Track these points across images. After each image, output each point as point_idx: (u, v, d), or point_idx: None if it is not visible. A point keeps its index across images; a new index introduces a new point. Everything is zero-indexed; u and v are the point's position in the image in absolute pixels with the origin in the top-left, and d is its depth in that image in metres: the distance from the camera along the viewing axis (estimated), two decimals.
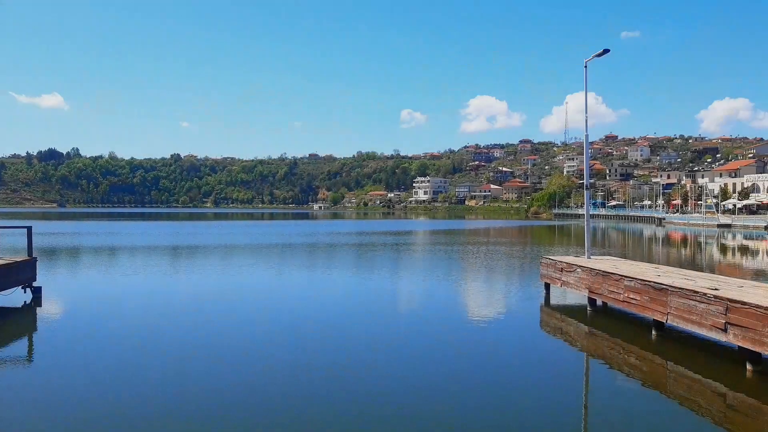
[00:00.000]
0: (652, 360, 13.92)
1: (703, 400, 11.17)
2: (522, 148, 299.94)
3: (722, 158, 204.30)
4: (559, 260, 20.69)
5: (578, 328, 17.41)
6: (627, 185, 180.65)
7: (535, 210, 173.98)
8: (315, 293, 24.55)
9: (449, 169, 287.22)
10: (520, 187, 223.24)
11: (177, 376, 12.21)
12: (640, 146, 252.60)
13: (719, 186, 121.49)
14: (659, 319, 14.67)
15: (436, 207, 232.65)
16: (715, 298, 12.53)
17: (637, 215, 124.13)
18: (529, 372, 12.91)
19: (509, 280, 29.26)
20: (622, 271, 16.68)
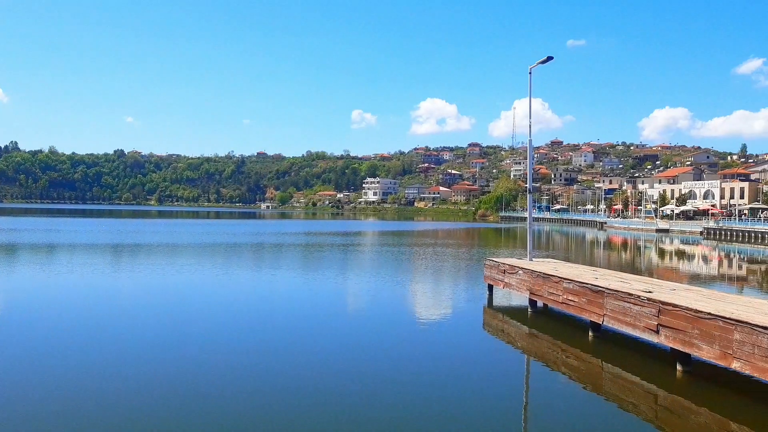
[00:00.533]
0: (589, 360, 14.25)
1: (636, 399, 11.49)
2: (471, 152, 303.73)
3: (662, 165, 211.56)
4: (501, 262, 21.02)
5: (519, 329, 17.71)
6: (571, 190, 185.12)
7: (482, 212, 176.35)
8: (260, 294, 24.25)
9: (399, 170, 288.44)
10: (469, 189, 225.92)
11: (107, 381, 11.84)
12: (584, 152, 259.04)
13: (658, 192, 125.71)
14: (596, 321, 15.05)
15: (386, 208, 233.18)
16: (648, 301, 12.93)
17: (580, 219, 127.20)
18: (471, 373, 13.03)
19: (454, 281, 29.58)
20: (562, 274, 17.04)
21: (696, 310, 11.53)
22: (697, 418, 10.45)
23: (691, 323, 11.61)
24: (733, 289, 28.59)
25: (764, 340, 9.94)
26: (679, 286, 15.82)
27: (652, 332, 12.81)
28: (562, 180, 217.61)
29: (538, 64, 20.56)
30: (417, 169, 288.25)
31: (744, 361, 10.40)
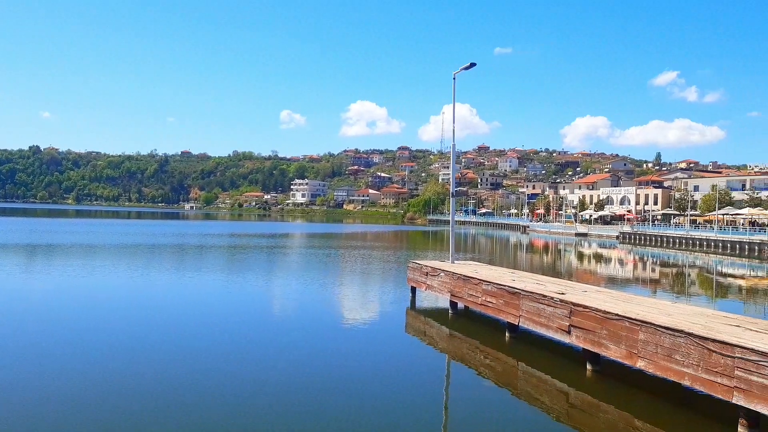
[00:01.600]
0: (505, 361, 14.59)
1: (549, 398, 11.83)
2: (401, 155, 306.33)
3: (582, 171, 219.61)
4: (424, 264, 21.22)
5: (440, 331, 17.93)
6: (497, 194, 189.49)
7: (411, 215, 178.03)
8: (180, 298, 23.54)
9: (328, 172, 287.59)
10: (398, 192, 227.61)
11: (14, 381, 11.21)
12: (510, 158, 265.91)
13: (578, 197, 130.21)
14: (513, 322, 15.40)
15: (314, 210, 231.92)
16: (560, 302, 13.33)
17: (505, 223, 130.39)
18: (392, 374, 13.12)
19: (379, 284, 29.70)
20: (481, 276, 17.36)
21: (604, 311, 11.96)
22: (605, 415, 10.83)
23: (600, 324, 12.03)
24: (645, 291, 29.93)
25: (666, 340, 10.40)
26: (591, 288, 16.40)
27: (565, 333, 13.21)
28: (489, 184, 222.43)
29: (462, 70, 20.90)
30: (346, 172, 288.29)
31: (648, 360, 10.86)
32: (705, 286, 35.16)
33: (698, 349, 9.74)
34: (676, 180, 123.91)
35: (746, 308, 25.30)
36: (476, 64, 20.33)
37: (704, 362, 9.62)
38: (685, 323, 10.69)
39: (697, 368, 9.77)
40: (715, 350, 9.44)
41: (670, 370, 10.36)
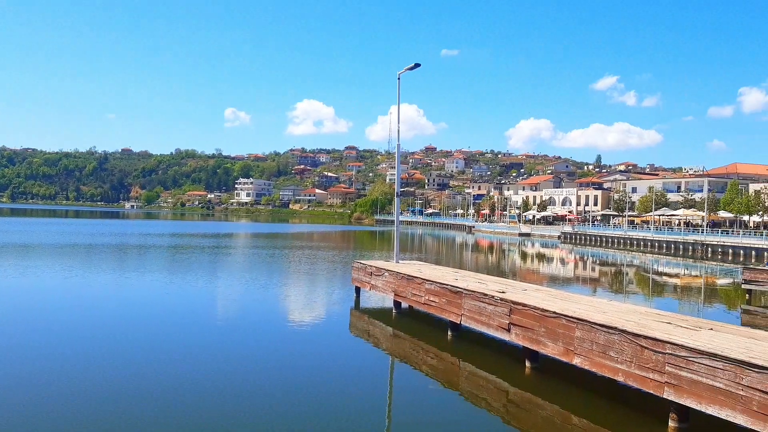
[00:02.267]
0: (447, 359, 14.70)
1: (489, 396, 11.97)
2: (348, 155, 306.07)
3: (526, 173, 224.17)
4: (369, 264, 21.20)
5: (384, 330, 17.94)
6: (443, 194, 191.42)
7: (358, 216, 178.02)
8: (120, 300, 22.77)
9: (274, 171, 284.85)
10: (345, 192, 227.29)
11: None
12: (456, 159, 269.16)
13: (522, 198, 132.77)
14: (455, 321, 15.51)
15: (259, 210, 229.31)
16: (501, 301, 13.50)
17: (451, 223, 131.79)
18: (336, 375, 13.05)
19: (325, 284, 29.57)
20: (425, 275, 17.44)
21: (543, 309, 12.16)
22: (543, 411, 11.01)
23: (539, 322, 12.23)
24: (585, 290, 30.69)
25: (601, 337, 10.64)
26: (531, 287, 16.67)
27: (505, 331, 13.38)
28: (435, 185, 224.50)
29: (407, 70, 20.96)
30: (292, 171, 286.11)
31: (584, 356, 11.09)
32: (642, 285, 36.29)
33: (631, 345, 9.99)
34: (615, 182, 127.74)
35: (681, 306, 26.21)
36: (421, 65, 20.45)
37: (637, 358, 9.88)
38: (619, 321, 10.96)
39: (630, 364, 10.02)
40: (647, 347, 9.70)
41: (605, 366, 10.61)
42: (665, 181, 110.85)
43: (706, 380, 8.66)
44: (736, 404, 8.24)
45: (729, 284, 35.45)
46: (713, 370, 8.58)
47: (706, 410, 8.70)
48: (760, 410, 7.95)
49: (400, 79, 21.21)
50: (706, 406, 8.69)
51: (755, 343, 9.47)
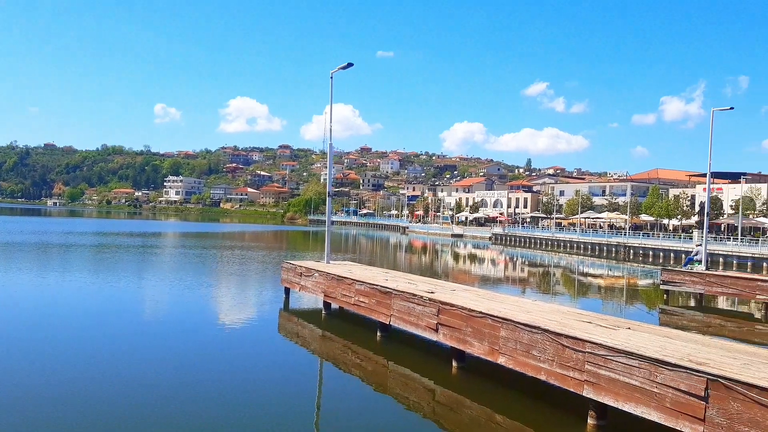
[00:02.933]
0: (376, 360, 14.66)
1: (417, 396, 12.00)
2: (281, 153, 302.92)
3: (459, 175, 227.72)
4: (298, 265, 20.94)
5: (313, 332, 17.78)
6: (378, 195, 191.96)
7: (291, 215, 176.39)
8: (40, 301, 21.66)
9: (205, 169, 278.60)
10: (278, 192, 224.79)
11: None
12: (391, 159, 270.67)
13: (455, 200, 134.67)
14: (384, 321, 15.50)
15: (189, 208, 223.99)
16: (429, 301, 13.56)
17: (385, 223, 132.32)
18: (265, 377, 12.88)
19: (254, 284, 29.13)
20: (355, 276, 17.36)
21: (470, 309, 12.28)
22: (469, 411, 11.12)
23: (466, 322, 12.34)
24: (513, 290, 31.31)
25: (525, 336, 10.82)
26: (460, 287, 16.85)
27: (433, 331, 13.45)
28: (370, 185, 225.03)
29: (339, 69, 20.85)
30: (224, 169, 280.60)
31: (508, 356, 11.25)
32: (568, 285, 37.37)
33: (553, 344, 10.20)
34: (544, 185, 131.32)
35: (604, 306, 27.12)
36: (353, 65, 20.38)
37: (558, 357, 10.09)
38: (543, 320, 11.18)
39: (552, 363, 10.22)
40: (568, 346, 9.91)
41: (528, 365, 10.79)
42: (591, 185, 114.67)
43: (623, 378, 8.92)
44: (651, 401, 8.52)
45: (649, 285, 36.93)
46: (630, 368, 8.84)
47: (623, 407, 8.96)
48: (672, 407, 8.24)
49: (333, 78, 21.08)
50: (622, 403, 8.95)
51: (669, 341, 9.83)
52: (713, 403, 7.76)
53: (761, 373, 7.91)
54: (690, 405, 8.01)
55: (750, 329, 21.99)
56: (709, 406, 7.80)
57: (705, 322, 23.32)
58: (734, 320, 24.14)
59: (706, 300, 27.34)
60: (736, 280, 24.92)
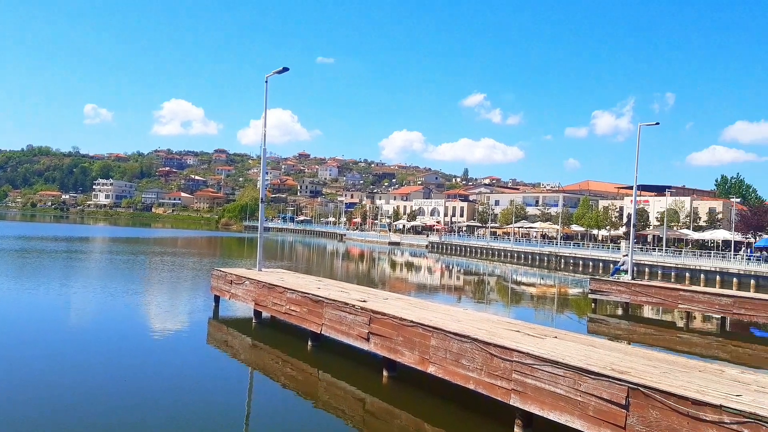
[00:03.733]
0: (306, 370, 14.43)
1: (347, 406, 11.83)
2: (217, 158, 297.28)
3: (398, 183, 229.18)
4: (229, 272, 20.45)
5: (243, 341, 17.38)
6: (315, 202, 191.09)
7: (225, 221, 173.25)
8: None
9: (137, 172, 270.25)
10: (213, 197, 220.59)
11: None
12: (330, 166, 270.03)
13: (393, 208, 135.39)
14: (315, 330, 15.26)
15: (119, 213, 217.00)
16: (361, 310, 13.43)
17: (323, 231, 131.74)
18: (193, 387, 12.52)
19: (184, 292, 28.34)
20: (287, 284, 17.05)
21: (401, 318, 12.21)
22: (398, 421, 11.03)
23: (396, 331, 12.27)
24: (449, 298, 31.59)
25: (455, 345, 10.82)
26: (393, 296, 16.81)
27: (364, 340, 13.31)
28: (308, 192, 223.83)
29: (275, 74, 20.54)
30: (157, 173, 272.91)
31: (438, 365, 11.23)
32: (501, 294, 37.97)
33: (482, 353, 10.23)
34: (480, 194, 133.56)
35: (536, 315, 27.65)
36: (289, 69, 20.10)
37: (487, 366, 10.12)
38: (473, 329, 11.22)
39: (480, 372, 10.25)
40: (496, 354, 9.96)
41: (457, 374, 10.79)
42: (525, 195, 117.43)
43: (549, 387, 9.01)
44: (575, 409, 8.63)
45: (579, 294, 37.92)
46: (555, 377, 8.94)
47: (548, 416, 9.05)
48: (595, 415, 8.36)
49: (268, 82, 20.72)
50: (548, 411, 9.03)
51: (593, 350, 10.02)
52: (633, 411, 7.91)
53: (679, 381, 8.12)
54: (612, 413, 8.15)
55: (672, 337, 22.81)
56: (630, 414, 7.95)
57: (631, 330, 24.09)
58: (658, 328, 25.03)
59: (632, 309, 28.26)
60: (660, 290, 25.85)
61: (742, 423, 6.87)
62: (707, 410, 7.20)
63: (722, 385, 8.09)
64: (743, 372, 9.49)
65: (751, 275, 44.48)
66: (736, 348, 21.27)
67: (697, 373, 8.80)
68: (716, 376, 8.71)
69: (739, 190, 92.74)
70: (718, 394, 7.56)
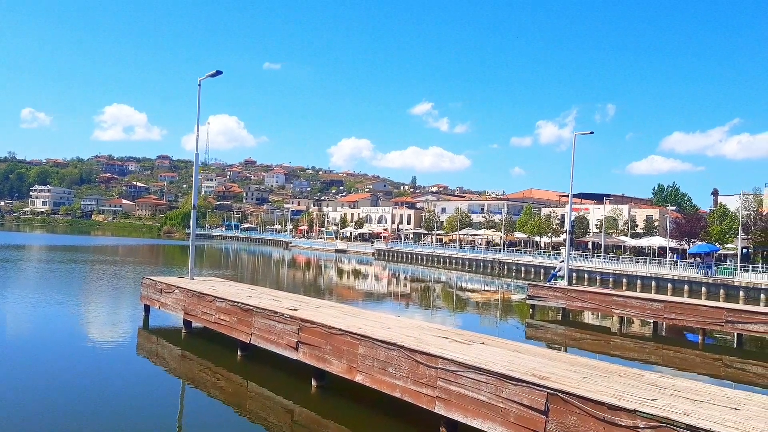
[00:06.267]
0: (236, 381, 14.08)
1: (276, 417, 11.57)
2: (160, 164, 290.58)
3: (346, 190, 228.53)
4: (159, 281, 19.82)
5: (173, 352, 16.91)
6: (261, 209, 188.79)
7: (168, 229, 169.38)
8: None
9: (76, 179, 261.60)
10: (155, 204, 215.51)
11: None
12: (277, 173, 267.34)
13: (340, 215, 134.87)
14: (244, 340, 14.87)
15: (57, 220, 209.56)
16: (290, 318, 13.12)
17: (268, 238, 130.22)
18: (121, 398, 12.25)
19: (115, 302, 27.53)
20: (216, 293, 16.59)
21: (329, 326, 11.98)
22: (326, 431, 10.79)
23: (325, 339, 12.02)
24: (391, 305, 31.47)
25: (382, 353, 10.65)
26: (325, 303, 16.55)
27: (293, 349, 13.02)
28: (254, 199, 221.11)
29: (208, 77, 20.13)
30: (97, 179, 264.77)
31: (366, 373, 11.03)
32: (446, 300, 38.14)
33: (408, 361, 10.09)
34: (427, 202, 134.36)
35: (477, 321, 27.82)
36: (222, 72, 19.73)
37: (413, 374, 9.98)
38: (401, 336, 11.07)
39: (407, 380, 10.10)
40: (422, 362, 9.83)
41: (384, 382, 10.61)
42: (471, 203, 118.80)
43: (472, 393, 8.92)
44: (497, 416, 8.55)
45: (521, 299, 38.40)
46: (478, 384, 8.86)
47: (471, 423, 8.96)
48: (516, 421, 8.30)
49: (201, 85, 20.27)
50: (471, 419, 8.94)
51: (518, 356, 9.99)
52: (552, 417, 7.88)
53: (598, 386, 8.14)
54: (532, 419, 8.10)
55: (606, 342, 23.22)
56: (549, 419, 7.92)
57: (566, 335, 24.45)
58: (592, 333, 25.48)
59: (572, 314, 28.72)
60: (595, 295, 26.35)
61: (655, 428, 6.91)
62: (622, 415, 7.21)
63: (640, 390, 8.15)
64: (662, 376, 9.61)
65: (685, 281, 45.92)
66: (667, 352, 21.82)
67: (616, 378, 8.85)
68: (635, 381, 8.79)
69: (675, 199, 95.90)
70: (633, 398, 7.59)
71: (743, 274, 44.80)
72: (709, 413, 7.12)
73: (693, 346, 22.73)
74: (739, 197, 66.08)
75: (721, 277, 44.85)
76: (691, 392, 8.26)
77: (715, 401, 7.80)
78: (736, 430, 6.49)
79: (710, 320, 21.93)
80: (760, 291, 41.06)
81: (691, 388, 8.62)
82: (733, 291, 42.32)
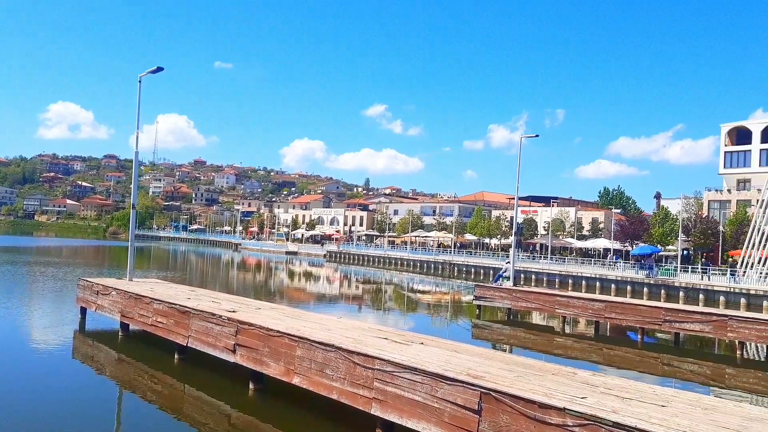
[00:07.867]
0: (172, 384, 13.76)
1: (213, 421, 11.30)
2: (107, 164, 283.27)
3: (298, 192, 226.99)
4: (95, 282, 19.18)
5: (109, 355, 16.45)
6: (211, 210, 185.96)
7: (114, 230, 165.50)
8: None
9: (18, 178, 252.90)
10: (101, 204, 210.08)
11: None
12: (227, 174, 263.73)
13: (292, 217, 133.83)
14: (181, 343, 14.49)
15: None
16: (228, 320, 12.84)
17: (217, 240, 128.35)
18: (57, 406, 11.88)
19: (51, 304, 26.74)
20: (154, 294, 16.13)
21: (267, 328, 11.75)
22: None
23: (263, 341, 11.79)
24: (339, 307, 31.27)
25: (319, 355, 10.48)
26: (266, 305, 16.29)
27: (230, 352, 12.73)
28: (204, 200, 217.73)
29: (148, 73, 19.62)
30: (41, 179, 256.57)
31: (303, 375, 10.85)
32: (397, 302, 38.15)
33: (345, 362, 9.95)
34: (379, 204, 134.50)
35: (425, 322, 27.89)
36: (163, 69, 19.23)
37: (350, 375, 9.85)
38: (340, 338, 10.93)
39: (344, 382, 9.97)
40: (359, 363, 9.71)
41: (321, 384, 10.45)
42: (423, 205, 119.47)
43: (408, 394, 8.85)
44: (431, 416, 8.50)
45: (470, 300, 38.73)
46: (413, 384, 8.79)
47: (407, 424, 8.88)
48: (450, 421, 8.26)
49: (142, 81, 19.73)
50: (407, 419, 8.86)
51: (455, 355, 9.98)
52: (485, 417, 7.87)
53: (530, 385, 8.17)
54: (465, 419, 8.07)
55: (549, 341, 23.58)
56: (482, 419, 7.90)
57: (511, 335, 24.73)
58: (537, 333, 25.85)
59: (520, 315, 29.05)
60: (539, 296, 26.74)
61: (584, 425, 6.95)
62: (552, 413, 7.24)
63: (571, 388, 8.21)
64: (594, 374, 9.74)
65: (628, 281, 47.13)
66: (608, 351, 22.28)
67: (550, 377, 8.91)
68: (568, 379, 8.86)
69: (619, 202, 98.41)
70: (564, 396, 7.64)
71: (683, 275, 46.28)
72: (637, 410, 7.21)
73: (633, 345, 23.26)
74: (680, 200, 68.32)
75: (662, 277, 46.20)
76: (621, 390, 8.37)
77: (644, 398, 7.91)
78: (660, 426, 6.58)
79: (649, 319, 22.48)
80: (699, 291, 42.45)
81: (622, 385, 8.74)
82: (674, 291, 43.62)
